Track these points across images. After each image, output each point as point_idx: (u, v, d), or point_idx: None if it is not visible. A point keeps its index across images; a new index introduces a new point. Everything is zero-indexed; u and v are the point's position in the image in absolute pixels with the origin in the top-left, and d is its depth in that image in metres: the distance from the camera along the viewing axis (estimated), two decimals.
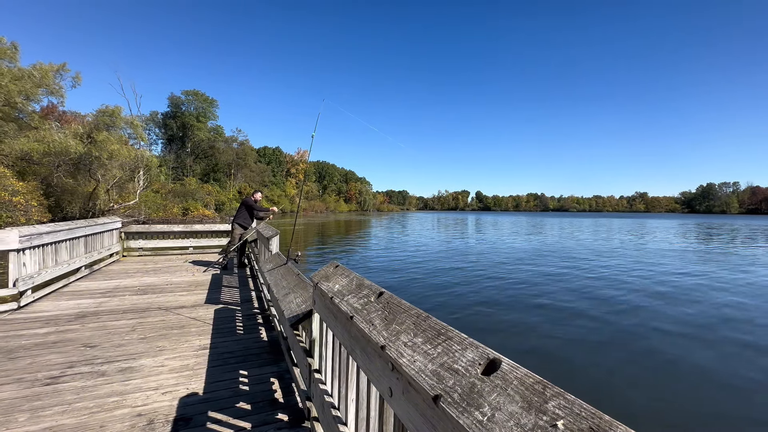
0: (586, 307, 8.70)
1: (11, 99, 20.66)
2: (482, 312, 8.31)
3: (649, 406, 4.58)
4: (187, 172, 59.12)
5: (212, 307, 4.99)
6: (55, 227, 5.78)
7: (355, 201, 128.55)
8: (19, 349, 3.46)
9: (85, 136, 23.99)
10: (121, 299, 5.26)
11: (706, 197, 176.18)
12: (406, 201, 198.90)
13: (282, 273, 3.61)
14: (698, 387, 5.04)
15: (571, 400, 0.61)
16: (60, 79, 24.55)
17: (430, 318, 1.08)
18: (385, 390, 1.12)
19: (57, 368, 3.07)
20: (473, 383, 0.75)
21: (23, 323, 4.19)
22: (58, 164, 22.42)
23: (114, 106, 27.17)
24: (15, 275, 4.72)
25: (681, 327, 7.38)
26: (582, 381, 5.19)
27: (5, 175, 16.32)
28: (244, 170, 68.36)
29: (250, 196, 8.28)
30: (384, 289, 1.47)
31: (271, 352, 3.55)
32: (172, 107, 62.16)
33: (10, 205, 14.85)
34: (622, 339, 6.72)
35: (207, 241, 10.04)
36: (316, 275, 2.13)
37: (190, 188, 44.75)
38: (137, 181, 29.06)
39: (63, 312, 4.63)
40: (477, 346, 0.86)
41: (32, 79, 21.81)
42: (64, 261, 6.01)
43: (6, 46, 21.31)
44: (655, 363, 5.74)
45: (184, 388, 2.80)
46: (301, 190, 9.85)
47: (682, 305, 9.00)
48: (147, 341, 3.72)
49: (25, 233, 4.86)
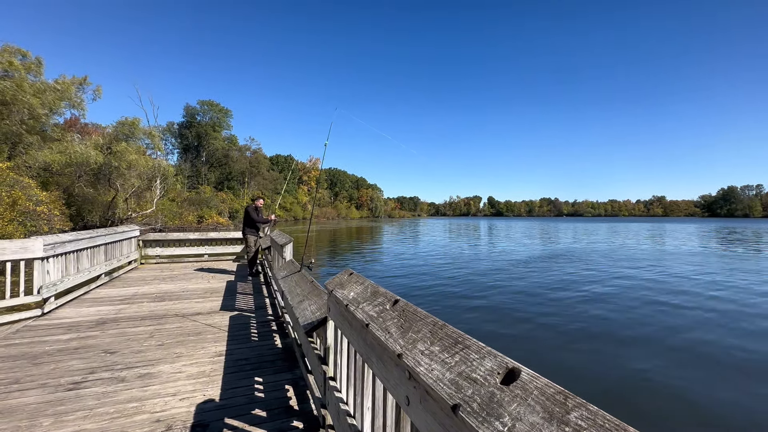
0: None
1: (35, 112, 21.49)
2: (509, 324, 7.97)
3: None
4: (202, 180, 60.28)
5: (227, 314, 5.05)
6: (77, 236, 5.96)
7: (367, 207, 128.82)
8: (43, 354, 3.57)
9: (105, 146, 24.77)
10: (140, 306, 5.37)
11: (727, 200, 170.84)
12: (418, 207, 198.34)
13: (296, 280, 3.65)
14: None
15: (594, 411, 0.60)
16: (81, 92, 25.47)
17: (446, 326, 1.08)
18: (402, 398, 1.12)
19: (79, 374, 3.14)
20: (492, 393, 0.75)
21: (47, 329, 4.32)
22: (79, 174, 23.18)
23: (133, 118, 28.02)
24: (39, 282, 4.87)
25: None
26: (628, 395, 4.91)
27: (30, 185, 16.91)
28: (257, 178, 69.35)
29: (252, 204, 8.36)
30: (399, 296, 1.47)
31: (286, 359, 3.57)
32: (187, 117, 63.74)
33: (33, 214, 15.35)
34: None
35: (221, 249, 10.19)
36: (330, 283, 2.14)
37: (204, 196, 45.63)
38: (154, 189, 29.78)
39: (84, 318, 4.75)
40: (495, 354, 0.85)
41: (55, 92, 22.65)
42: (85, 269, 6.18)
43: (31, 61, 22.22)
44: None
45: (201, 395, 2.83)
46: (315, 198, 9.95)
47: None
48: (165, 348, 3.78)
49: (49, 242, 5.03)
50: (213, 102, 64.15)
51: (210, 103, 64.00)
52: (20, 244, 4.70)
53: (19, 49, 21.73)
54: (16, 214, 14.32)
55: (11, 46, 21.30)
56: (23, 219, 14.67)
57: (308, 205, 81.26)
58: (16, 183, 15.88)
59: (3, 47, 20.87)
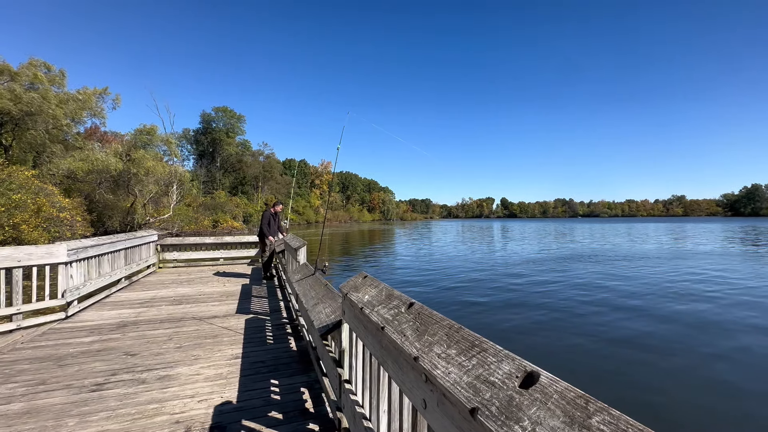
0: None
1: (59, 122, 22.29)
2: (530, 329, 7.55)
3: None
4: (217, 185, 61.44)
5: (243, 316, 5.12)
6: (99, 241, 6.14)
7: (379, 210, 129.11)
8: (67, 356, 3.68)
9: (124, 154, 25.51)
10: (158, 309, 5.49)
11: (751, 199, 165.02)
12: (430, 209, 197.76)
13: (310, 283, 3.67)
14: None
15: (616, 416, 0.59)
16: (102, 102, 26.34)
17: (462, 329, 1.08)
18: (419, 402, 1.11)
19: (101, 375, 3.23)
20: (511, 396, 0.74)
21: (71, 332, 4.45)
22: (100, 181, 23.91)
23: (150, 125, 28.82)
24: (63, 286, 5.04)
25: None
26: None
27: (53, 192, 17.52)
28: (270, 182, 70.31)
29: (269, 209, 8.30)
30: (413, 299, 1.47)
31: (301, 362, 3.60)
32: (203, 123, 65.20)
33: (57, 220, 15.90)
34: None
35: (236, 252, 10.35)
36: (344, 286, 2.15)
37: (219, 201, 46.49)
38: (171, 195, 30.48)
39: (106, 321, 4.88)
40: (513, 358, 0.84)
41: (77, 102, 23.47)
42: (106, 273, 6.36)
43: (55, 73, 23.08)
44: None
45: (219, 397, 2.88)
46: (327, 202, 10.03)
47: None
48: (183, 350, 3.86)
49: (72, 247, 5.19)
50: (227, 108, 65.51)
51: (224, 110, 65.35)
52: (46, 250, 4.86)
53: (45, 63, 22.61)
54: (40, 221, 14.84)
55: (36, 60, 22.18)
56: (47, 225, 15.20)
57: (320, 208, 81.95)
58: (41, 190, 16.48)
59: (29, 61, 21.74)
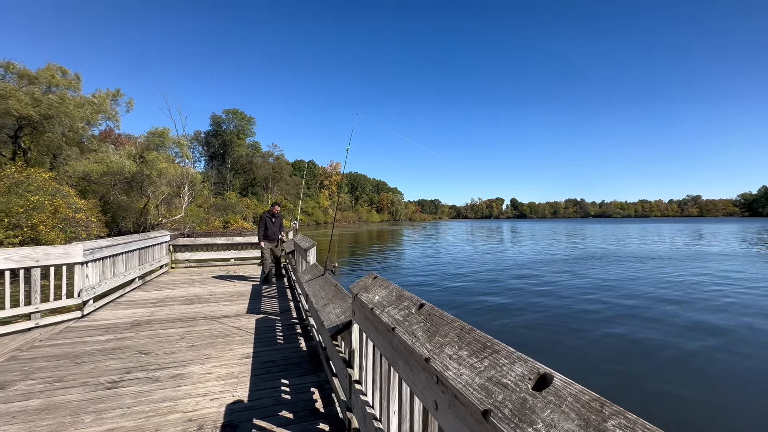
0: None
1: (74, 125, 22.80)
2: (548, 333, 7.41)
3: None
4: (228, 186, 62.15)
5: (253, 316, 5.17)
6: (113, 241, 6.26)
7: (387, 211, 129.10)
8: (83, 354, 3.76)
9: (138, 156, 25.99)
10: (171, 309, 5.58)
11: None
12: (439, 210, 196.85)
13: (320, 284, 3.69)
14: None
15: (632, 420, 0.58)
16: (115, 105, 26.84)
17: (474, 330, 1.07)
18: (430, 403, 1.11)
19: (116, 373, 3.29)
20: (524, 399, 0.73)
21: (86, 331, 4.55)
22: (114, 183, 24.39)
23: (162, 128, 29.28)
24: (80, 286, 5.15)
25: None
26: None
27: (69, 194, 17.92)
28: (279, 183, 70.83)
29: (267, 211, 8.14)
30: (424, 300, 1.47)
31: (311, 362, 3.62)
32: (214, 126, 66.04)
33: (73, 221, 16.24)
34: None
35: (247, 253, 10.44)
36: (355, 286, 2.16)
37: (230, 202, 47.04)
38: (183, 196, 30.93)
39: (120, 321, 4.98)
40: (526, 360, 0.84)
41: (92, 105, 23.96)
42: (120, 273, 6.48)
43: (71, 77, 23.61)
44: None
45: (230, 396, 2.91)
46: (336, 202, 10.06)
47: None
48: (195, 349, 3.91)
49: (88, 247, 5.31)
50: (237, 110, 66.24)
51: (234, 112, 66.08)
52: (63, 250, 4.98)
53: (61, 67, 23.13)
54: (57, 221, 15.19)
55: (53, 65, 22.72)
56: (64, 226, 15.54)
57: (329, 209, 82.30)
58: (58, 192, 16.87)
59: (46, 66, 22.29)
